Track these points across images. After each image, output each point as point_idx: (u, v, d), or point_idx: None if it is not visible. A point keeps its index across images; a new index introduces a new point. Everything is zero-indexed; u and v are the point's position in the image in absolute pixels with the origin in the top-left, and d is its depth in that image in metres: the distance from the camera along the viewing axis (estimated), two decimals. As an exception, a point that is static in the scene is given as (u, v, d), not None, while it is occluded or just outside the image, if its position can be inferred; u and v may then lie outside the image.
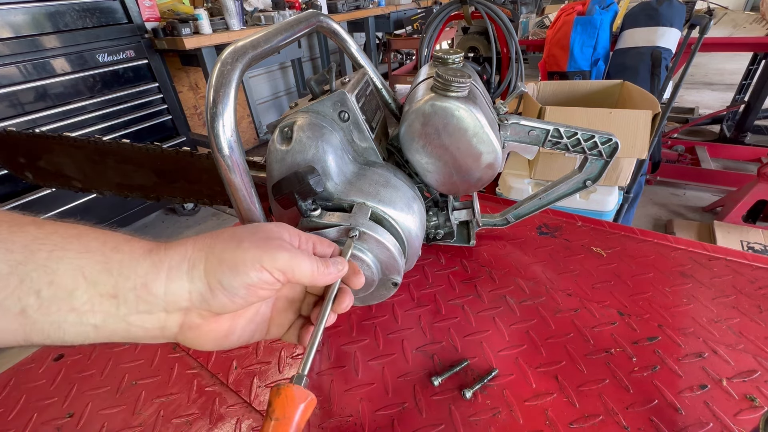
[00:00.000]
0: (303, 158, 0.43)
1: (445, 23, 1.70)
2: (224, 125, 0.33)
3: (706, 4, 2.10)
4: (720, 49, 2.22)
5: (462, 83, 0.46)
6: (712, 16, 1.52)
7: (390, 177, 0.48)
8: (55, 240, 0.25)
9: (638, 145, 1.22)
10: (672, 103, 1.56)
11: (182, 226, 2.58)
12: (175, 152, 0.63)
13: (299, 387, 0.28)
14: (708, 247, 0.66)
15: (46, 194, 1.89)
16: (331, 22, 0.56)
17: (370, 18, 3.65)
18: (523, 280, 0.63)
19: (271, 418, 0.26)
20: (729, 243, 1.80)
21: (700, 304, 0.56)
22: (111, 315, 0.26)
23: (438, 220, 0.65)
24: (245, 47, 0.35)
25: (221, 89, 0.32)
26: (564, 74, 2.03)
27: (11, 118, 1.75)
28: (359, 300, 0.50)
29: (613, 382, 0.46)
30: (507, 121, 0.55)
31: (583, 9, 1.98)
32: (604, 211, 1.42)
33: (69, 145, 0.67)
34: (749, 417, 0.41)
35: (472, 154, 0.50)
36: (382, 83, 0.61)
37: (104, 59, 2.00)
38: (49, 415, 0.49)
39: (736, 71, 4.02)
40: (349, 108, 0.46)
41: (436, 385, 0.47)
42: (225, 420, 0.46)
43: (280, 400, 0.27)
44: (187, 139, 2.50)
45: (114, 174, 0.69)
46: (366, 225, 0.42)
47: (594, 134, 0.56)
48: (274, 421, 0.26)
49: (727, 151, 2.72)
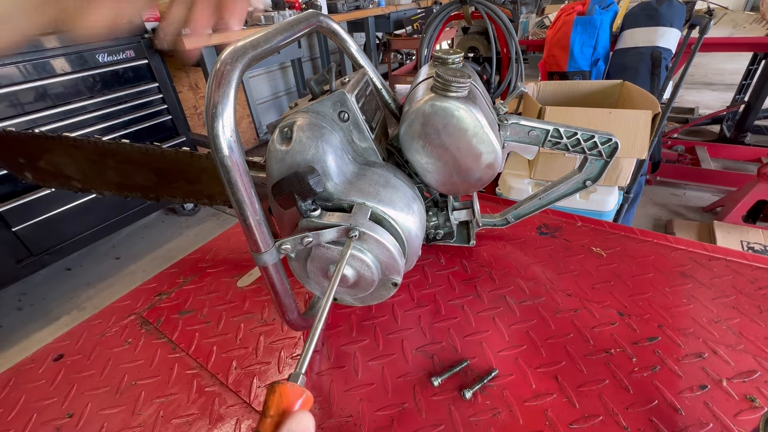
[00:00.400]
0: (303, 158, 0.43)
1: (445, 23, 1.70)
2: (224, 125, 0.33)
3: (706, 4, 2.09)
4: (720, 49, 2.22)
5: (462, 83, 0.46)
6: (712, 16, 1.52)
7: (390, 177, 0.48)
8: None
9: (638, 145, 1.22)
10: (672, 103, 1.56)
11: (182, 226, 2.58)
12: (175, 152, 0.63)
13: (295, 385, 0.28)
14: (708, 248, 0.66)
15: (46, 194, 1.89)
16: (330, 22, 0.56)
17: (370, 18, 3.65)
18: (523, 280, 0.63)
19: (266, 416, 0.26)
20: (729, 243, 1.80)
21: (700, 304, 0.56)
22: None
23: (438, 220, 0.64)
24: (245, 47, 0.35)
25: (221, 89, 0.32)
26: (564, 74, 2.03)
27: (11, 118, 1.75)
28: (359, 300, 0.50)
29: (613, 382, 0.46)
30: (507, 121, 0.55)
31: (583, 9, 1.98)
32: (604, 211, 1.42)
33: (69, 145, 0.67)
34: (749, 417, 0.41)
35: (472, 154, 0.50)
36: (382, 83, 0.61)
37: (104, 59, 2.00)
38: (49, 415, 0.49)
39: (736, 71, 4.02)
40: (348, 108, 0.46)
41: (436, 385, 0.47)
42: (225, 420, 0.46)
43: (275, 398, 0.27)
44: (187, 139, 2.50)
45: (114, 174, 0.69)
46: (366, 225, 0.42)
47: (594, 134, 0.56)
48: (269, 418, 0.26)
49: (727, 151, 2.72)
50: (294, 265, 0.47)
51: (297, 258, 0.46)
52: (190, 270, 0.73)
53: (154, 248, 2.38)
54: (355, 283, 0.45)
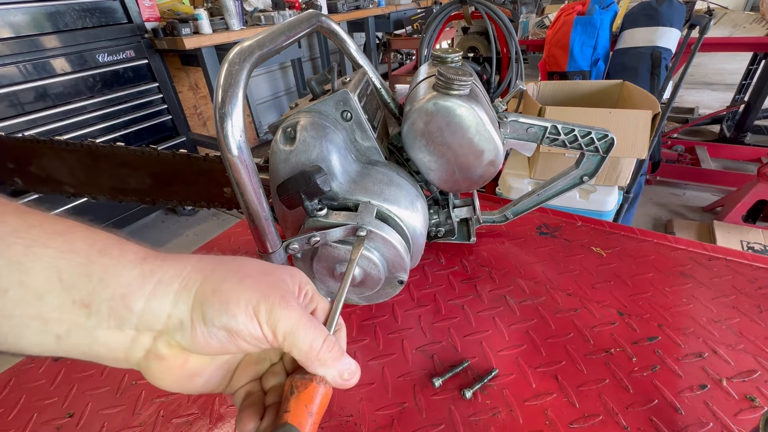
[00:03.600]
0: (307, 158, 0.43)
1: (445, 23, 1.70)
2: (233, 125, 0.32)
3: (706, 4, 2.10)
4: (720, 49, 2.22)
5: (464, 81, 0.46)
6: (712, 16, 1.52)
7: (393, 175, 0.48)
8: (35, 234, 0.22)
9: (638, 145, 1.22)
10: (672, 103, 1.56)
11: (182, 226, 2.57)
12: (172, 155, 0.62)
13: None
14: (708, 247, 0.66)
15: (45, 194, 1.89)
16: (330, 22, 0.56)
17: (370, 18, 3.65)
18: (523, 279, 0.63)
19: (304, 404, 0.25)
20: (729, 243, 1.80)
21: (700, 304, 0.56)
22: (78, 326, 0.22)
23: (439, 218, 0.65)
24: (252, 47, 0.35)
25: (230, 89, 0.32)
26: (564, 74, 2.03)
27: (11, 118, 1.75)
28: (364, 299, 0.50)
29: (613, 382, 0.46)
30: (506, 119, 0.55)
31: (583, 9, 1.97)
32: (604, 211, 1.42)
33: (60, 149, 0.66)
34: (749, 417, 0.41)
35: (474, 151, 0.50)
36: (381, 83, 0.61)
37: (104, 59, 2.00)
38: (49, 415, 0.49)
39: (736, 71, 4.01)
40: (351, 107, 0.46)
41: (437, 386, 0.47)
42: (225, 420, 0.46)
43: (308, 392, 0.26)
44: (187, 139, 2.50)
45: (108, 178, 0.67)
46: (372, 223, 0.42)
47: (591, 130, 0.56)
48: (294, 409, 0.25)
49: (727, 151, 2.72)
50: (300, 265, 0.47)
51: (303, 258, 0.46)
52: (191, 270, 0.73)
53: (154, 248, 2.38)
54: (362, 281, 0.46)
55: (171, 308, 0.24)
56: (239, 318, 0.24)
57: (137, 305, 0.23)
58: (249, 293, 0.24)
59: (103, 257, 0.23)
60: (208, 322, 0.24)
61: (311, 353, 0.25)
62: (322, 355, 0.26)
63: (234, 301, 0.24)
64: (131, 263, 0.24)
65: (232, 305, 0.24)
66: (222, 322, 0.24)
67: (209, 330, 0.24)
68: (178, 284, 0.24)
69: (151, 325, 0.24)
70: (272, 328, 0.25)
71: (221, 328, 0.24)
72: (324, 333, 0.26)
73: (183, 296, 0.24)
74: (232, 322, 0.24)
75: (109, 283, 0.23)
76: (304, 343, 0.25)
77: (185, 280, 0.24)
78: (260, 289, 0.25)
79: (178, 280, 0.24)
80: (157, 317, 0.24)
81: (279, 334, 0.25)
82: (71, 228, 0.23)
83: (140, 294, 0.23)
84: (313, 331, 0.26)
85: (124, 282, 0.23)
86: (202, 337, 0.24)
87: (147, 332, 0.24)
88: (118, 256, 0.24)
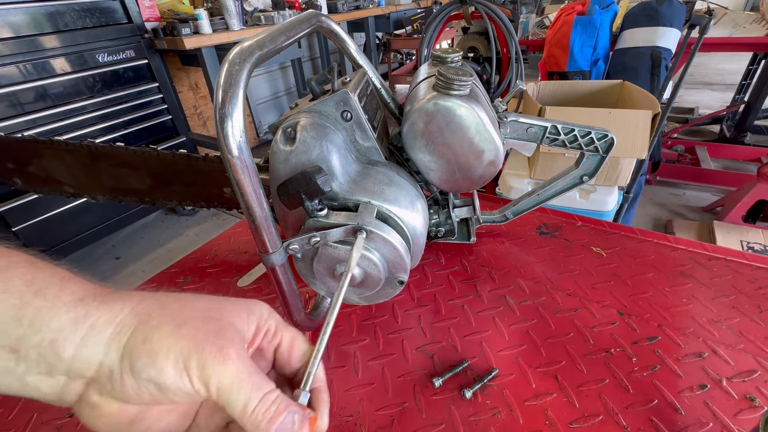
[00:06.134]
0: (307, 158, 0.43)
1: (445, 23, 1.70)
2: (233, 126, 0.32)
3: (706, 4, 2.09)
4: (720, 49, 2.22)
5: (464, 81, 0.46)
6: (711, 16, 1.52)
7: (393, 176, 0.48)
8: None
9: (638, 145, 1.22)
10: (672, 103, 1.56)
11: (182, 226, 2.57)
12: (172, 155, 0.63)
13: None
14: (708, 247, 0.66)
15: (45, 194, 1.89)
16: (330, 22, 0.56)
17: (370, 18, 3.65)
18: (523, 279, 0.63)
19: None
20: (729, 243, 1.80)
21: (700, 304, 0.56)
22: (8, 370, 0.22)
23: (439, 218, 0.65)
24: (252, 47, 0.34)
25: (230, 90, 0.32)
26: (564, 74, 2.03)
27: (11, 118, 1.75)
28: (364, 299, 0.50)
29: (613, 382, 0.46)
30: (506, 119, 0.55)
31: (583, 9, 1.98)
32: (604, 211, 1.42)
33: (60, 150, 0.66)
34: (749, 417, 0.41)
35: (474, 151, 0.50)
36: (381, 83, 0.61)
37: (104, 59, 2.00)
38: (49, 415, 0.49)
39: (736, 71, 4.01)
40: (352, 107, 0.46)
41: (437, 386, 0.47)
42: None
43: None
44: (187, 139, 2.50)
45: (108, 178, 0.67)
46: (373, 224, 0.42)
47: (591, 130, 0.56)
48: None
49: (727, 151, 2.72)
50: (300, 266, 0.47)
51: (303, 258, 0.46)
52: (191, 270, 0.73)
53: (154, 248, 2.38)
54: (362, 282, 0.46)
55: (102, 356, 0.23)
56: (167, 372, 0.22)
57: (67, 352, 0.22)
58: (182, 344, 0.23)
59: (37, 298, 0.22)
60: (136, 374, 0.22)
61: (244, 415, 0.23)
62: (255, 417, 0.23)
63: (164, 354, 0.22)
64: (66, 306, 0.23)
65: (161, 358, 0.22)
66: (149, 375, 0.22)
67: (138, 383, 0.23)
68: (112, 330, 0.23)
69: (82, 373, 0.23)
70: (205, 383, 0.23)
71: (150, 382, 0.23)
72: (262, 390, 0.24)
73: (114, 344, 0.23)
74: (159, 376, 0.22)
75: (40, 327, 0.22)
76: (237, 402, 0.23)
77: (119, 326, 0.23)
78: (196, 338, 0.23)
79: (112, 325, 0.23)
80: (87, 365, 0.23)
81: (212, 391, 0.23)
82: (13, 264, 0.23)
83: (71, 340, 0.22)
84: (249, 390, 0.23)
85: (55, 327, 0.22)
86: (131, 389, 0.23)
87: (78, 379, 0.23)
88: (53, 298, 0.23)
